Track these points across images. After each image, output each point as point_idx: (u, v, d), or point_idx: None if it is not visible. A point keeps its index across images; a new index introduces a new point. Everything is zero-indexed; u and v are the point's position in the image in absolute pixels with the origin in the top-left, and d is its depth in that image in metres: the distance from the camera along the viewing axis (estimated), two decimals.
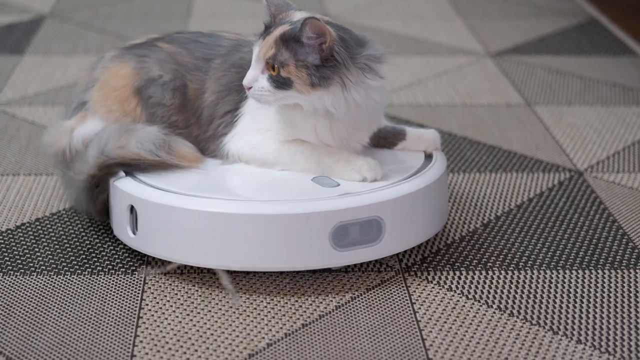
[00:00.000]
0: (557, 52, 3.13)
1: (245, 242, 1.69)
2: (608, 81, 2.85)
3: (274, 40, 1.72)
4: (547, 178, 2.20)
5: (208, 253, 1.70)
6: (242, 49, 1.86)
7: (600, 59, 3.07)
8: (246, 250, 1.70)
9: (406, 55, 3.08)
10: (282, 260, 1.70)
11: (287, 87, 1.71)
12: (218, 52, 1.88)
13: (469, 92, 2.75)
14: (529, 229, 1.97)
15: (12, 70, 2.88)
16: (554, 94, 2.75)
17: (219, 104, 1.84)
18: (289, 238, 1.69)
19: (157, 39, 1.95)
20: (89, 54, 3.04)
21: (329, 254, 1.70)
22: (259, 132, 1.83)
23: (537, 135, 2.45)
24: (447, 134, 2.45)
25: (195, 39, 1.93)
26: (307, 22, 1.67)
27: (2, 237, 1.92)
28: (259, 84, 1.72)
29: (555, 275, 1.81)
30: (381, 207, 1.71)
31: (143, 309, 1.69)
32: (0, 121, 2.51)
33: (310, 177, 1.78)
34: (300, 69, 1.70)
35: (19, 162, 2.26)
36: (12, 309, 1.69)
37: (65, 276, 1.79)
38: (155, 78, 1.89)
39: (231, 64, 1.83)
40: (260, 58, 1.72)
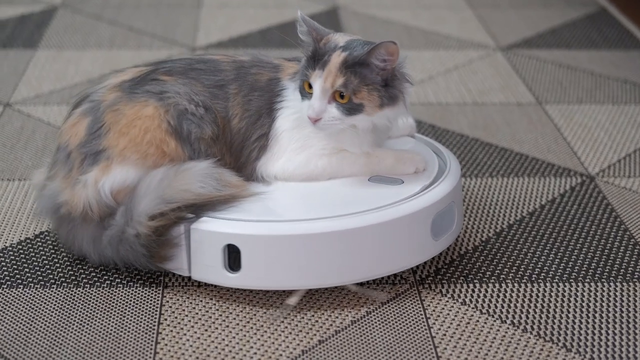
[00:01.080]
0: (568, 45, 3.14)
1: (361, 254, 1.75)
2: (619, 77, 2.86)
3: (337, 69, 1.73)
4: (559, 183, 2.22)
5: (328, 272, 1.74)
6: (247, 70, 1.85)
7: (611, 52, 3.08)
8: (362, 262, 1.75)
9: (417, 49, 3.09)
10: (393, 264, 1.79)
11: (358, 112, 1.75)
12: (226, 77, 1.85)
13: (480, 89, 2.76)
14: (541, 238, 1.99)
15: (27, 66, 2.89)
16: (564, 91, 2.76)
17: (249, 129, 1.84)
18: (398, 241, 1.77)
19: (149, 72, 1.84)
20: (101, 48, 3.05)
21: (430, 246, 1.81)
22: (301, 149, 1.85)
23: (549, 136, 2.47)
24: (459, 135, 2.47)
25: (191, 66, 1.85)
26: (382, 45, 1.70)
27: (22, 246, 1.95)
28: (329, 114, 1.74)
29: (568, 289, 1.83)
30: (454, 193, 1.85)
31: (162, 324, 1.72)
32: (16, 121, 2.52)
33: (367, 183, 1.85)
34: (372, 93, 1.74)
35: (36, 165, 2.29)
36: (33, 323, 1.72)
37: (84, 289, 1.82)
38: (189, 113, 1.80)
39: (251, 88, 1.84)
40: (327, 89, 1.73)
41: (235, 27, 3.26)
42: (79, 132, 1.80)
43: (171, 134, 1.78)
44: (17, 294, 1.80)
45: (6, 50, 3.02)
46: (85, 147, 1.79)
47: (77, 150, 1.79)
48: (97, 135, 1.78)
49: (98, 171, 1.78)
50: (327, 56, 1.75)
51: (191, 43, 3.11)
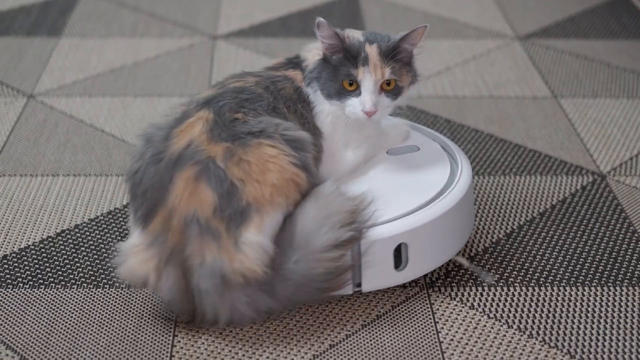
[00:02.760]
0: (586, 34, 3.15)
1: (461, 226, 1.97)
2: (635, 69, 2.88)
3: (380, 61, 1.84)
4: (570, 182, 2.26)
5: (456, 243, 1.95)
6: (275, 87, 1.88)
7: (629, 42, 3.10)
8: (463, 234, 1.97)
9: (435, 38, 3.12)
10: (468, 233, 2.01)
11: (400, 94, 1.89)
12: (268, 98, 1.84)
13: (497, 82, 2.79)
14: (550, 240, 2.03)
15: (50, 55, 2.94)
16: (580, 83, 2.79)
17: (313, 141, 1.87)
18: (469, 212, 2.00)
19: (216, 116, 1.76)
20: (123, 36, 3.09)
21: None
22: (345, 147, 1.94)
23: (562, 132, 2.50)
24: (474, 130, 2.50)
25: (238, 99, 1.80)
26: (418, 31, 1.87)
27: (44, 245, 2.00)
28: (383, 104, 1.86)
29: (575, 293, 1.87)
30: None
31: (178, 326, 1.77)
32: (39, 114, 2.57)
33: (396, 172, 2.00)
34: (408, 74, 1.89)
35: (58, 160, 2.34)
36: (54, 324, 1.78)
37: (104, 289, 1.87)
38: (296, 141, 1.77)
39: (290, 101, 1.88)
40: (378, 81, 1.84)
41: (256, 14, 3.30)
42: (204, 198, 1.66)
43: (299, 167, 1.73)
44: (39, 294, 1.86)
45: (31, 38, 3.07)
46: (224, 210, 1.65)
47: (216, 217, 1.66)
48: (232, 194, 1.66)
49: (254, 228, 1.66)
50: (363, 52, 1.83)
51: (212, 31, 3.15)
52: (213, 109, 1.76)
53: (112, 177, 2.26)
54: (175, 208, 1.66)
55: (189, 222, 1.65)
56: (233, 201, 1.65)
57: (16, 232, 2.04)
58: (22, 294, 1.86)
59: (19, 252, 1.97)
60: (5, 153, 2.36)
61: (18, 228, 2.06)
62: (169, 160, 1.69)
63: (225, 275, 1.64)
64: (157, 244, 1.67)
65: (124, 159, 2.33)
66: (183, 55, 2.96)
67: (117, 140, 2.43)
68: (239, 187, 1.65)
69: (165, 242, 1.67)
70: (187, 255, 1.66)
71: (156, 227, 1.68)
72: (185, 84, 2.75)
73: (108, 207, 2.13)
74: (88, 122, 2.52)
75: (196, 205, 1.65)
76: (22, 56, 2.93)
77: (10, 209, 2.13)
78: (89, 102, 2.63)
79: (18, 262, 1.94)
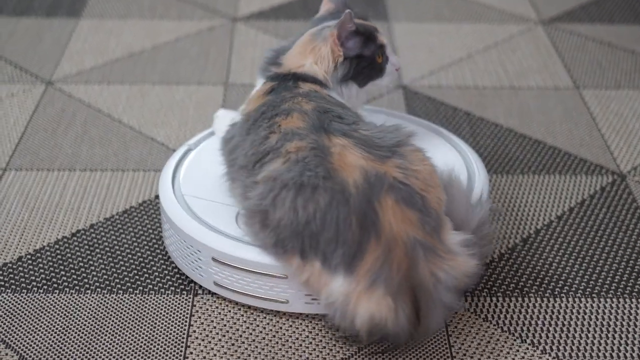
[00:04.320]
0: (611, 19, 3.11)
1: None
2: None
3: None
4: (590, 182, 2.24)
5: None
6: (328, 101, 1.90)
7: None
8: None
9: (457, 22, 3.08)
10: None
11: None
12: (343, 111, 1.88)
13: (518, 71, 2.76)
14: (567, 246, 2.02)
15: (69, 38, 2.93)
16: (603, 73, 2.76)
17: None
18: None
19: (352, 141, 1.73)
20: (143, 18, 3.08)
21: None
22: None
23: (583, 127, 2.47)
24: (493, 124, 2.48)
25: (334, 119, 1.79)
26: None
27: (59, 246, 2.01)
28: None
29: (590, 305, 1.86)
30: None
31: (191, 336, 1.78)
32: (57, 102, 2.57)
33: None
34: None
35: (75, 154, 2.34)
36: (68, 332, 1.79)
37: (117, 295, 1.88)
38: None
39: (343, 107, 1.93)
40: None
41: None
42: (411, 219, 1.64)
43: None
44: (53, 300, 1.86)
45: (50, 19, 3.06)
46: (427, 224, 1.65)
47: (427, 234, 1.64)
48: (425, 206, 1.66)
49: (449, 229, 1.69)
50: (369, 24, 1.99)
51: (233, 12, 3.13)
52: (339, 133, 1.72)
53: (129, 173, 2.25)
54: (393, 238, 1.60)
55: (411, 248, 1.60)
56: (429, 212, 1.64)
57: (32, 232, 2.04)
58: (37, 299, 1.86)
59: (34, 254, 1.98)
60: (22, 145, 2.36)
61: (34, 227, 2.06)
62: (358, 196, 1.62)
63: (457, 284, 1.64)
64: (381, 281, 1.59)
65: (140, 153, 2.33)
66: (202, 38, 2.94)
67: (135, 132, 2.42)
68: (426, 197, 1.65)
69: (390, 275, 1.59)
70: (418, 280, 1.61)
71: (371, 265, 1.60)
72: (204, 70, 2.74)
73: (124, 205, 2.13)
74: (106, 111, 2.52)
75: (408, 229, 1.61)
76: (41, 39, 2.92)
77: (26, 207, 2.13)
78: (107, 90, 2.63)
79: (33, 264, 1.95)
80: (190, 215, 1.87)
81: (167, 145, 2.37)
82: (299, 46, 1.96)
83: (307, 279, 1.67)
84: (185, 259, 1.88)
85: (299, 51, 1.95)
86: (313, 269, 1.65)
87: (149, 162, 2.29)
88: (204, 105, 2.55)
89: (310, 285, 1.67)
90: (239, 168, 1.80)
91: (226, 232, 1.83)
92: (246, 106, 1.92)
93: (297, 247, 1.65)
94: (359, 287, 1.59)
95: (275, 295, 1.80)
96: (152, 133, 2.43)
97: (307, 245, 1.63)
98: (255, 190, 1.71)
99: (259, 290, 1.80)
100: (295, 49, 1.96)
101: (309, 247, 1.63)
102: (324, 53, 1.91)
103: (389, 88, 2.57)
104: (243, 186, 1.77)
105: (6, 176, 2.24)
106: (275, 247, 1.69)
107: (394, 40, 2.95)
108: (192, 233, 1.83)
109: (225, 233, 1.83)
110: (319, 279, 1.64)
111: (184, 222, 1.85)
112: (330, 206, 1.61)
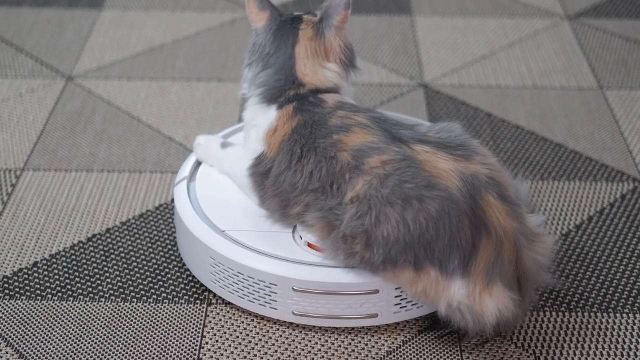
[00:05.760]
0: (639, 14, 3.06)
1: None
2: None
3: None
4: (610, 189, 2.21)
5: None
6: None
7: None
8: None
9: (482, 16, 3.05)
10: None
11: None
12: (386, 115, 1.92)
13: (542, 69, 2.73)
14: (585, 257, 2.00)
15: (90, 30, 2.93)
16: (628, 72, 2.72)
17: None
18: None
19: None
20: (164, 9, 3.06)
21: None
22: None
23: (605, 130, 2.45)
24: (515, 126, 2.46)
25: (396, 126, 1.81)
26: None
27: (74, 251, 2.01)
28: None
29: (606, 320, 1.84)
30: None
31: (203, 348, 1.78)
32: (77, 99, 2.57)
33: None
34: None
35: (92, 153, 2.33)
36: (81, 341, 1.79)
37: (131, 303, 1.88)
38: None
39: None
40: None
41: None
42: (507, 212, 1.71)
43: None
44: (67, 308, 1.87)
45: (72, 10, 3.06)
46: (516, 212, 1.73)
47: (521, 223, 1.73)
48: (509, 195, 1.73)
49: (535, 217, 1.83)
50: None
51: None
52: (415, 141, 1.74)
53: (146, 174, 2.25)
54: (504, 233, 1.67)
55: (517, 239, 1.68)
56: (516, 202, 1.71)
57: (48, 236, 2.05)
58: (51, 306, 1.87)
59: (49, 259, 1.98)
60: (41, 144, 2.36)
61: (50, 231, 2.06)
62: (464, 198, 1.66)
63: (549, 264, 1.76)
64: (497, 276, 1.67)
65: (158, 153, 2.33)
66: (224, 32, 2.93)
67: (153, 131, 2.42)
68: (508, 187, 1.72)
69: (504, 268, 1.67)
70: (524, 267, 1.70)
71: (485, 262, 1.66)
72: (224, 67, 2.73)
73: (140, 209, 2.13)
74: (125, 109, 2.51)
75: (510, 221, 1.68)
76: (63, 31, 2.92)
77: (43, 209, 2.13)
78: (127, 86, 2.62)
79: (48, 270, 1.95)
80: (250, 250, 1.82)
81: (185, 145, 2.37)
82: (303, 57, 1.89)
83: (422, 290, 1.69)
84: (253, 295, 1.82)
85: (309, 62, 1.89)
86: (429, 277, 1.67)
87: (166, 163, 2.29)
88: (222, 104, 2.54)
89: (426, 295, 1.69)
90: (300, 193, 1.79)
91: (298, 259, 1.80)
92: (269, 136, 1.86)
93: (409, 259, 1.67)
94: (479, 286, 1.65)
95: (365, 311, 1.79)
96: (171, 132, 2.42)
97: (421, 256, 1.66)
98: (346, 213, 1.70)
99: (347, 310, 1.78)
100: (301, 61, 1.89)
101: (423, 257, 1.66)
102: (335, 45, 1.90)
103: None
104: (318, 210, 1.76)
105: (24, 176, 2.24)
106: (384, 263, 1.70)
107: (416, 36, 2.92)
108: (265, 268, 1.78)
109: (298, 260, 1.80)
110: (436, 287, 1.67)
111: (251, 260, 1.80)
112: (442, 214, 1.63)
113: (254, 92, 1.89)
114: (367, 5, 3.11)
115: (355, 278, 1.75)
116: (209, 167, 2.03)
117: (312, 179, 1.76)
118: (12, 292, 1.90)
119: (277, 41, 1.90)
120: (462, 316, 1.67)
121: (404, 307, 1.79)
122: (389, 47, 2.86)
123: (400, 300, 1.77)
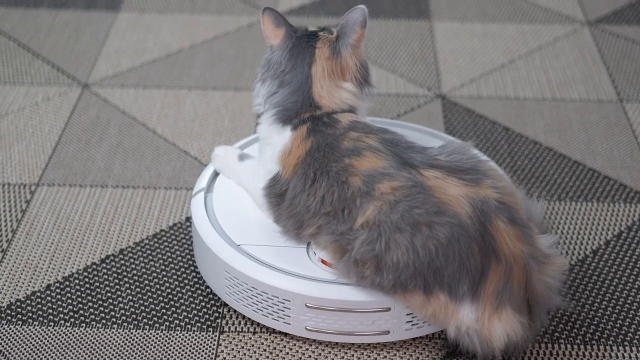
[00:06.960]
0: None
1: None
2: None
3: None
4: (628, 212, 2.19)
5: None
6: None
7: None
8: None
9: (501, 21, 3.02)
10: None
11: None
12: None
13: (561, 79, 2.70)
14: (601, 286, 1.98)
15: (107, 34, 2.91)
16: None
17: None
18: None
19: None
20: (182, 12, 3.05)
21: None
22: None
23: (624, 147, 2.42)
24: (532, 142, 2.44)
25: (407, 150, 1.81)
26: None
27: (88, 273, 2.01)
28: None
29: (622, 354, 1.82)
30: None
31: None
32: (92, 109, 2.56)
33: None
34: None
35: (107, 168, 2.33)
36: None
37: (143, 330, 1.88)
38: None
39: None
40: None
41: None
42: (518, 236, 1.71)
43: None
44: (79, 334, 1.87)
45: (89, 12, 3.05)
46: (527, 236, 1.73)
47: (532, 246, 1.74)
48: (520, 218, 1.73)
49: (545, 237, 1.83)
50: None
51: (273, 5, 3.08)
52: (426, 165, 1.74)
53: (160, 191, 2.24)
54: (512, 257, 1.67)
55: (526, 263, 1.68)
56: (527, 225, 1.72)
57: (61, 257, 2.05)
58: (63, 332, 1.87)
59: (62, 282, 1.98)
60: (56, 157, 2.36)
61: (64, 251, 2.06)
62: (474, 225, 1.67)
63: (560, 286, 1.75)
64: (507, 300, 1.68)
65: (173, 168, 2.32)
66: (241, 37, 2.91)
67: (168, 144, 2.41)
68: (519, 210, 1.72)
69: (513, 292, 1.68)
70: (533, 291, 1.71)
71: (495, 287, 1.67)
72: (241, 75, 2.71)
73: (154, 228, 2.12)
74: (140, 120, 2.51)
75: (520, 245, 1.68)
76: (80, 35, 2.91)
77: (57, 227, 2.13)
78: (143, 95, 2.61)
79: (61, 293, 1.95)
80: (265, 265, 1.82)
81: (200, 159, 2.35)
82: (320, 78, 1.87)
83: (432, 313, 1.70)
84: (267, 309, 1.84)
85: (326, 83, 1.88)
86: (438, 302, 1.68)
87: (181, 179, 2.28)
88: (238, 116, 2.53)
89: (436, 318, 1.71)
90: (313, 216, 1.78)
91: (311, 275, 1.81)
92: (283, 158, 1.86)
93: (419, 284, 1.67)
94: (488, 311, 1.66)
95: (377, 328, 1.80)
96: (186, 145, 2.41)
97: (431, 281, 1.66)
98: (358, 239, 1.71)
99: (359, 327, 1.80)
100: (318, 82, 1.87)
101: (433, 282, 1.66)
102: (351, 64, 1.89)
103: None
104: (330, 233, 1.77)
105: (39, 192, 2.24)
106: (395, 287, 1.70)
107: (434, 43, 2.90)
108: (279, 284, 1.79)
109: (311, 277, 1.81)
110: (445, 311, 1.68)
111: (266, 276, 1.81)
112: (451, 240, 1.64)
113: (270, 112, 1.88)
114: (386, 9, 3.08)
115: (367, 296, 1.76)
116: (226, 178, 2.02)
117: (325, 203, 1.76)
118: (25, 317, 1.90)
119: (293, 59, 1.89)
120: (470, 340, 1.69)
121: (415, 325, 1.80)
122: (407, 54, 2.83)
123: (411, 317, 1.78)
